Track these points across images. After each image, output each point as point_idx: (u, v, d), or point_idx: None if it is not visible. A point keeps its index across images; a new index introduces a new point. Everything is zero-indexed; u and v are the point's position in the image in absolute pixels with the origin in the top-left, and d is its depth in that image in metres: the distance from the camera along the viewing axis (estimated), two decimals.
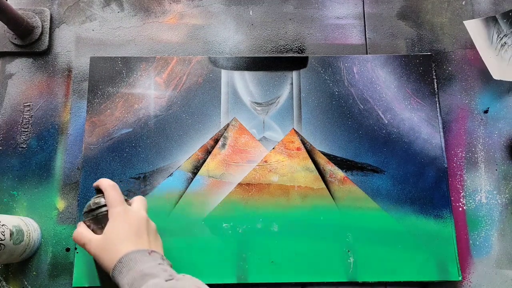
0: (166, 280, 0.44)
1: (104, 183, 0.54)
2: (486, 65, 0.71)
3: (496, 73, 0.70)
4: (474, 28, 0.73)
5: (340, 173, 0.68)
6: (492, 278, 0.66)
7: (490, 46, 0.73)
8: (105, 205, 0.53)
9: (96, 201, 0.54)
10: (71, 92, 0.72)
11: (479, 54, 0.71)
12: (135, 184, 0.67)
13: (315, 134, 0.70)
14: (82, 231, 0.52)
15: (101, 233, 0.51)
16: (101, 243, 0.49)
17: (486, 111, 0.72)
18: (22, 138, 0.70)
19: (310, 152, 0.69)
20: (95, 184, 0.56)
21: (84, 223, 0.54)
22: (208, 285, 0.65)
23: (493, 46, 0.73)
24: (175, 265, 0.64)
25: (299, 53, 0.75)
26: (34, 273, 0.65)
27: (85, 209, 0.55)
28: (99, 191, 0.56)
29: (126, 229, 0.49)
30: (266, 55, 0.74)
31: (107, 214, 0.52)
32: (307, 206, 0.67)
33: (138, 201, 0.56)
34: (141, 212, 0.53)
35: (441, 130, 0.70)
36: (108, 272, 0.48)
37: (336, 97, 0.71)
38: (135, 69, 0.72)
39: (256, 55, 0.75)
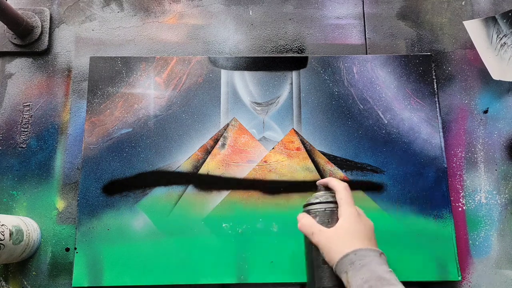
0: None
1: (338, 183, 0.55)
2: (486, 66, 0.71)
3: (496, 74, 0.70)
4: (474, 28, 0.73)
5: (339, 173, 0.68)
6: (492, 278, 0.66)
7: (490, 46, 0.73)
8: (334, 202, 0.54)
9: (325, 197, 0.55)
10: (71, 92, 0.72)
11: (478, 54, 0.71)
12: (135, 183, 0.67)
13: (314, 134, 0.70)
14: (311, 221, 0.53)
15: (326, 226, 0.52)
16: (333, 235, 0.51)
17: (485, 111, 0.72)
18: (22, 138, 0.70)
19: (309, 152, 0.69)
20: (321, 181, 0.58)
21: (309, 214, 0.55)
22: (208, 285, 0.65)
23: (492, 46, 0.73)
24: (174, 266, 0.64)
25: (299, 53, 0.75)
26: (33, 273, 0.65)
27: (311, 201, 0.56)
28: (324, 188, 0.57)
29: (360, 229, 0.51)
30: (266, 55, 0.75)
31: (335, 211, 0.54)
32: None
33: (361, 210, 0.56)
34: (370, 221, 0.54)
35: (441, 130, 0.70)
36: (328, 263, 0.50)
37: (336, 97, 0.71)
38: (135, 69, 0.72)
39: (256, 55, 0.75)
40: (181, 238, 0.65)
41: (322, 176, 0.68)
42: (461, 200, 0.69)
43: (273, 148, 0.69)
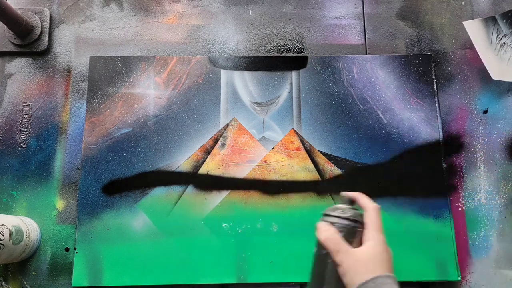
0: None
1: (369, 204, 0.52)
2: (485, 66, 0.71)
3: (495, 74, 0.70)
4: (473, 28, 0.73)
5: (339, 173, 0.68)
6: (491, 278, 0.66)
7: (489, 46, 0.73)
8: (361, 222, 0.51)
9: (353, 213, 0.52)
10: (71, 92, 0.72)
11: (478, 55, 0.71)
12: (135, 184, 0.67)
13: (314, 134, 0.70)
14: (338, 238, 0.50)
15: (348, 244, 0.50)
16: (359, 259, 0.49)
17: (485, 111, 0.72)
18: (22, 138, 0.70)
19: (309, 152, 0.69)
20: (349, 194, 0.54)
21: (333, 226, 0.52)
22: (207, 285, 0.65)
23: (492, 47, 0.73)
24: (174, 266, 0.64)
25: (298, 53, 0.75)
26: (33, 273, 0.65)
27: (336, 213, 0.52)
28: (349, 202, 0.54)
29: (385, 257, 0.50)
30: (265, 55, 0.75)
31: (360, 231, 0.51)
32: (306, 206, 0.67)
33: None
34: (390, 249, 0.53)
35: (441, 130, 0.70)
36: (345, 283, 0.48)
37: (335, 97, 0.71)
38: (135, 69, 0.72)
39: (255, 55, 0.75)
40: (181, 238, 0.65)
41: (322, 176, 0.68)
42: (460, 200, 0.69)
43: (273, 148, 0.69)
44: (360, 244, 0.50)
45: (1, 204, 0.68)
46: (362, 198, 0.53)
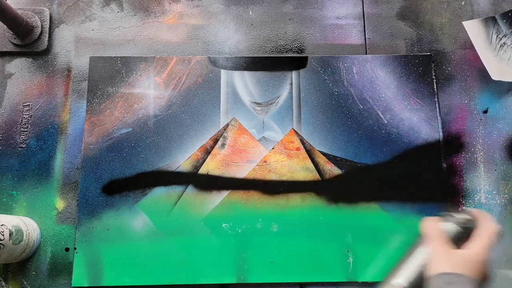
0: None
1: (490, 227, 0.50)
2: (485, 66, 0.71)
3: (495, 74, 0.70)
4: (473, 28, 0.73)
5: (339, 173, 0.68)
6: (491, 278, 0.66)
7: (489, 46, 0.73)
8: (469, 235, 0.50)
9: (466, 222, 0.51)
10: (71, 92, 0.72)
11: (478, 55, 0.71)
12: (135, 184, 0.67)
13: (314, 134, 0.70)
14: (441, 231, 0.50)
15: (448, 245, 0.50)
16: (451, 252, 0.48)
17: (485, 111, 0.72)
18: (22, 138, 0.70)
19: (309, 152, 0.69)
20: (473, 212, 0.53)
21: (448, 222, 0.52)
22: (207, 285, 0.65)
23: (492, 47, 0.73)
24: (174, 266, 0.64)
25: (298, 53, 0.75)
26: (33, 273, 0.65)
27: (450, 215, 0.52)
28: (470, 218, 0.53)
29: (479, 269, 0.47)
30: (265, 55, 0.75)
31: (466, 241, 0.50)
32: (306, 206, 0.67)
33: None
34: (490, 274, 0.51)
35: (441, 130, 0.70)
36: (430, 270, 0.48)
37: (335, 97, 0.71)
38: (135, 69, 0.72)
39: (255, 55, 0.75)
40: (181, 238, 0.65)
41: (322, 176, 0.68)
42: (460, 200, 0.69)
43: (273, 148, 0.69)
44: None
45: (1, 204, 0.68)
46: (484, 217, 0.52)
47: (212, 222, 0.66)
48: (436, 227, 0.51)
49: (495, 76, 0.70)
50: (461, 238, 0.51)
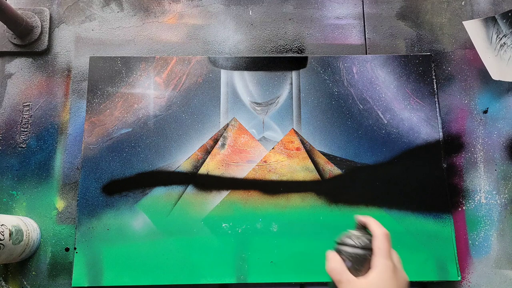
0: None
1: (377, 229, 0.50)
2: (485, 66, 0.71)
3: (495, 74, 0.70)
4: (473, 28, 0.73)
5: (339, 173, 0.68)
6: (491, 278, 0.66)
7: (489, 46, 0.73)
8: (369, 248, 0.50)
9: (360, 240, 0.50)
10: (71, 92, 0.72)
11: (478, 54, 0.71)
12: (134, 183, 0.67)
13: (314, 134, 0.70)
14: (341, 267, 0.49)
15: (356, 273, 0.49)
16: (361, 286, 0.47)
17: (485, 111, 0.72)
18: (22, 138, 0.70)
19: (309, 152, 0.69)
20: (360, 219, 0.52)
21: (339, 255, 0.50)
22: (207, 285, 0.65)
23: (492, 47, 0.73)
24: (174, 266, 0.64)
25: (298, 53, 0.75)
26: (33, 273, 0.65)
27: (345, 240, 0.51)
28: (362, 227, 0.52)
29: (392, 285, 0.47)
30: (265, 55, 0.75)
31: (368, 258, 0.49)
32: (306, 206, 0.67)
33: (399, 260, 0.52)
34: (405, 274, 0.51)
35: (441, 130, 0.70)
36: None
37: (335, 97, 0.71)
38: (135, 69, 0.72)
39: (255, 55, 0.75)
40: (181, 238, 0.65)
41: (322, 176, 0.68)
42: (460, 200, 0.69)
43: (272, 148, 0.69)
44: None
45: (1, 204, 0.68)
46: (370, 223, 0.51)
47: (212, 222, 0.66)
48: (335, 263, 0.49)
49: (495, 76, 0.70)
50: (365, 257, 0.49)
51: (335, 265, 0.49)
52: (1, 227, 0.57)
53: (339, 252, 0.50)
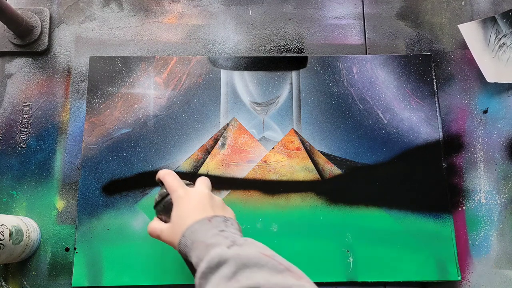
0: (228, 247, 0.43)
1: (161, 173, 0.55)
2: (480, 68, 0.71)
3: (491, 76, 0.70)
4: (469, 31, 0.73)
5: (339, 173, 0.68)
6: (491, 278, 0.66)
7: (486, 48, 0.73)
8: (169, 194, 0.54)
9: (160, 193, 0.55)
10: (71, 92, 0.72)
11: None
12: (135, 183, 0.67)
13: (314, 134, 0.70)
14: (154, 225, 0.53)
15: (170, 221, 0.52)
16: (170, 228, 0.50)
17: (485, 111, 0.72)
18: (22, 138, 0.70)
19: (309, 152, 0.69)
20: (156, 177, 0.57)
21: (157, 217, 0.55)
22: None
23: (489, 48, 0.73)
24: (174, 266, 0.64)
25: (298, 53, 0.75)
26: (33, 273, 0.65)
27: (154, 204, 0.56)
28: (162, 183, 0.56)
29: (189, 207, 0.49)
30: (265, 55, 0.75)
31: (172, 202, 0.53)
32: (306, 206, 0.67)
33: (200, 181, 0.56)
34: (202, 190, 0.53)
35: (441, 130, 0.70)
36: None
37: (335, 97, 0.71)
38: (135, 69, 0.72)
39: (255, 55, 0.75)
40: None
41: (322, 176, 0.68)
42: (460, 200, 0.69)
43: (272, 148, 0.69)
44: None
45: (1, 204, 0.68)
46: (158, 174, 0.56)
47: None
48: (152, 225, 0.53)
49: (490, 79, 0.70)
50: (168, 203, 0.53)
51: (149, 227, 0.53)
52: (1, 227, 0.57)
53: (157, 215, 0.55)
